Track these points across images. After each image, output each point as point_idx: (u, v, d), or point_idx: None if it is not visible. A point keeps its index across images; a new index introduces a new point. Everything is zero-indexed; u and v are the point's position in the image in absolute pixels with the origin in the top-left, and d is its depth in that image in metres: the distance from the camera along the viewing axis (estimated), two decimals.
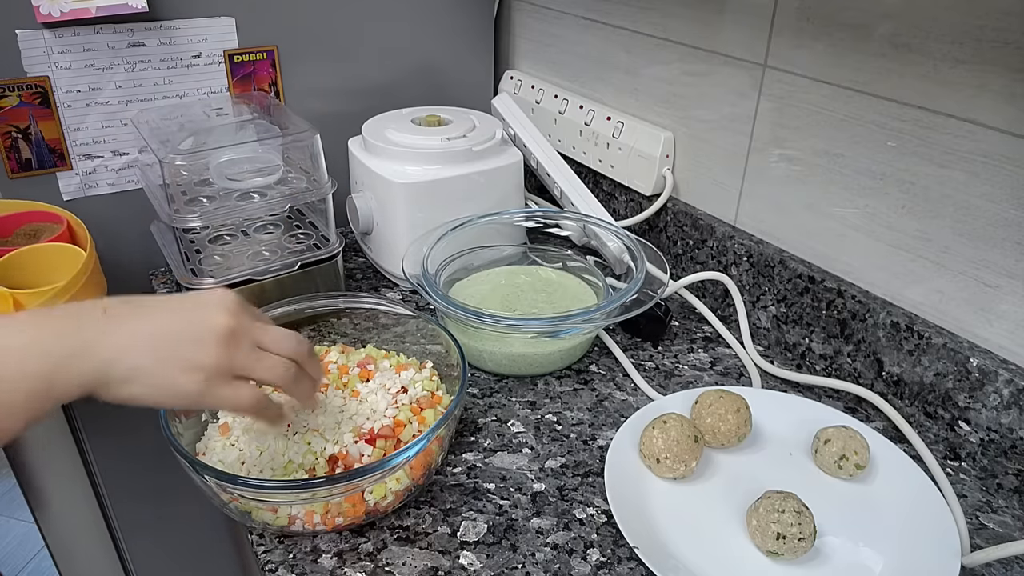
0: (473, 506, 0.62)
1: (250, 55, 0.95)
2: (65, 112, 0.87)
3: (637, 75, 0.96)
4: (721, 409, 0.65)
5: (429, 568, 0.56)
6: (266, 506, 0.56)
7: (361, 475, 0.54)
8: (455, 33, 1.10)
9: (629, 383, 0.77)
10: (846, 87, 0.71)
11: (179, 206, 0.83)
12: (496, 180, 0.90)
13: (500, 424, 0.71)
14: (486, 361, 0.77)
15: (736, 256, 0.84)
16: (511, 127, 1.01)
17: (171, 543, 1.18)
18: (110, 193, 0.93)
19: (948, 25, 0.62)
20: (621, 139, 0.96)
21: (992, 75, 0.60)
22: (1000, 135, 0.60)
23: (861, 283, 0.74)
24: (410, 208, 0.87)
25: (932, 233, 0.67)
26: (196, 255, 0.85)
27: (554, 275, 0.88)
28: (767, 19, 0.77)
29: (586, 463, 0.67)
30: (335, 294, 0.76)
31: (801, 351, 0.79)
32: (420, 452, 0.56)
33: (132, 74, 0.89)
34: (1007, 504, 0.63)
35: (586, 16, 1.01)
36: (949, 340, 0.66)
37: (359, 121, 0.94)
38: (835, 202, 0.75)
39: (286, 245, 0.87)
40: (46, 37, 0.83)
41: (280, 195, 0.84)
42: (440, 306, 0.72)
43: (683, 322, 0.87)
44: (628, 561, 0.57)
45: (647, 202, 0.95)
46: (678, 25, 0.88)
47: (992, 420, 0.64)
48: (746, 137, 0.82)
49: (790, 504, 0.55)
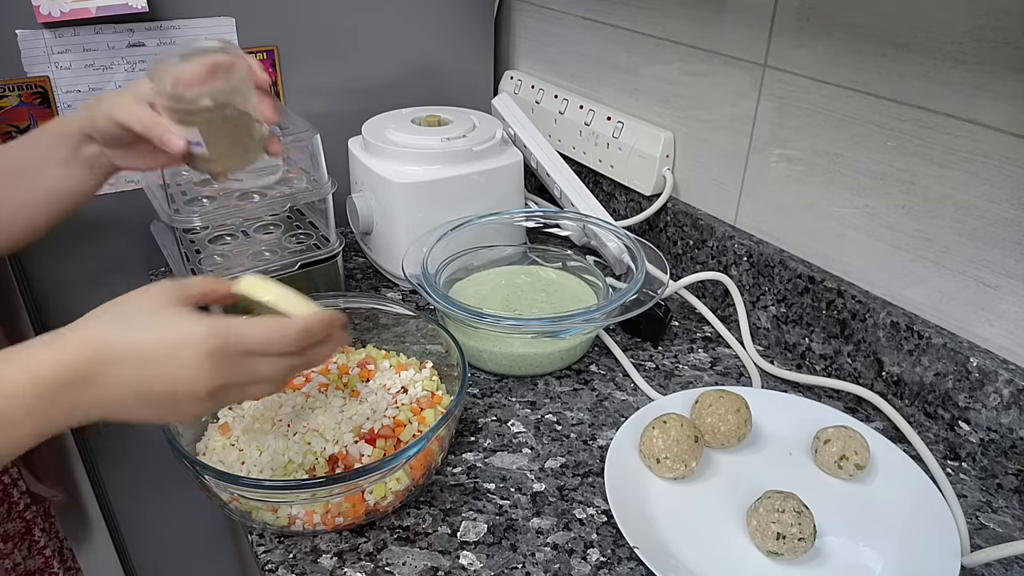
0: (473, 506, 0.62)
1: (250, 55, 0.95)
2: (65, 112, 0.87)
3: (637, 75, 0.96)
4: (721, 409, 0.65)
5: (429, 568, 0.56)
6: (266, 506, 0.56)
7: (361, 475, 0.54)
8: (455, 33, 1.10)
9: (629, 383, 0.77)
10: (846, 87, 0.71)
11: (179, 206, 0.83)
12: (496, 180, 0.90)
13: (500, 424, 0.71)
14: (486, 361, 0.77)
15: (736, 256, 0.84)
16: (511, 127, 1.01)
17: (171, 543, 1.18)
18: (110, 193, 0.93)
19: (948, 25, 0.62)
20: (621, 139, 0.96)
21: (992, 75, 0.60)
22: (1000, 135, 0.60)
23: (861, 283, 0.74)
24: (410, 208, 0.87)
25: (932, 233, 0.67)
26: (196, 255, 0.84)
27: (554, 275, 0.88)
28: (767, 19, 0.77)
29: (586, 463, 0.67)
30: (335, 294, 0.76)
31: (801, 351, 0.79)
32: (420, 452, 0.56)
33: (132, 74, 0.89)
34: (1007, 504, 0.63)
35: (586, 16, 1.01)
36: (949, 340, 0.66)
37: (359, 121, 0.94)
38: (835, 202, 0.75)
39: (286, 245, 0.87)
40: (46, 37, 0.83)
41: (280, 195, 0.84)
42: (440, 306, 0.72)
43: (683, 322, 0.87)
44: (628, 561, 0.57)
45: (647, 202, 0.95)
46: (678, 25, 0.88)
47: (992, 420, 0.64)
48: (746, 137, 0.82)
49: (790, 504, 0.55)
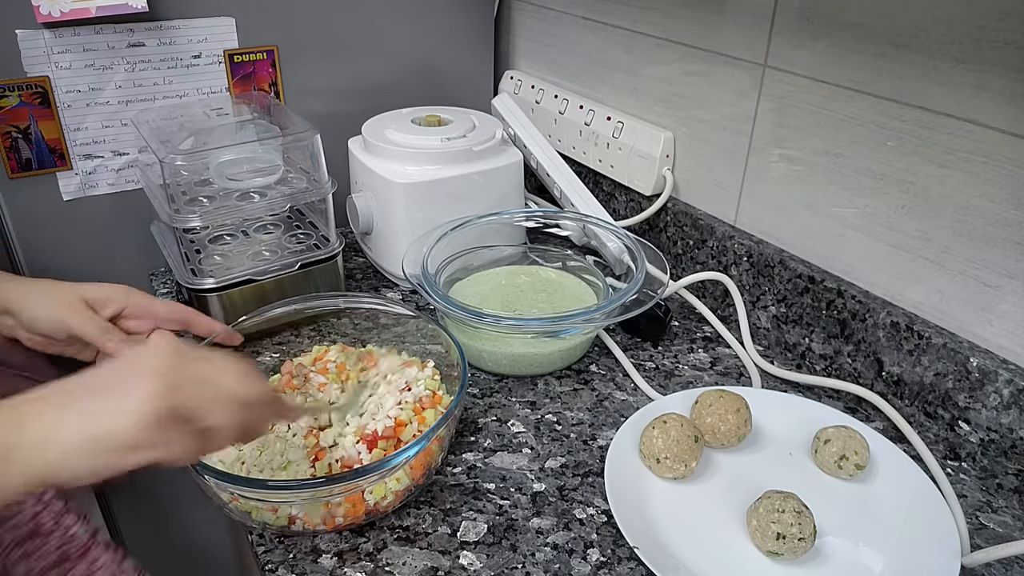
0: (473, 506, 0.62)
1: (250, 55, 0.95)
2: (65, 112, 0.87)
3: (637, 75, 0.96)
4: (721, 409, 0.65)
5: (429, 568, 0.56)
6: (266, 506, 0.56)
7: (361, 475, 0.54)
8: (455, 33, 1.09)
9: (629, 383, 0.77)
10: (846, 87, 0.71)
11: (179, 206, 0.83)
12: (496, 180, 0.90)
13: (500, 424, 0.71)
14: (486, 361, 0.77)
15: (736, 256, 0.84)
16: (511, 127, 1.01)
17: (171, 543, 1.18)
18: (110, 193, 0.93)
19: (948, 25, 0.62)
20: (621, 139, 0.96)
21: (992, 75, 0.60)
22: (1000, 135, 0.60)
23: (861, 283, 0.74)
24: (410, 208, 0.87)
25: (932, 233, 0.67)
26: (196, 255, 0.84)
27: (554, 275, 0.88)
28: (767, 19, 0.77)
29: (586, 463, 0.67)
30: (335, 294, 0.76)
31: (801, 351, 0.79)
32: (420, 452, 0.56)
33: (132, 74, 0.89)
34: (1007, 504, 0.63)
35: (586, 16, 1.01)
36: (949, 340, 0.66)
37: (359, 121, 0.94)
38: (835, 202, 0.75)
39: (286, 245, 0.87)
40: (46, 37, 0.83)
41: (280, 195, 0.84)
42: (440, 306, 0.72)
43: (683, 322, 0.87)
44: (628, 561, 0.57)
45: (647, 202, 0.95)
46: (678, 25, 0.88)
47: (992, 420, 0.64)
48: (746, 137, 0.82)
49: (790, 504, 0.55)
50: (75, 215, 0.91)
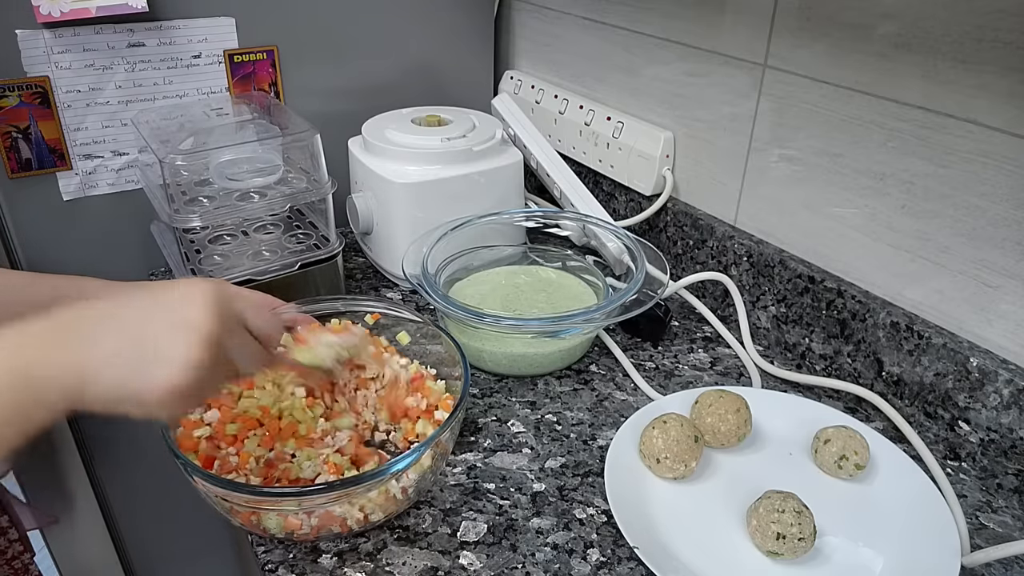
0: (473, 506, 0.62)
1: (250, 55, 0.95)
2: (65, 112, 0.87)
3: (637, 75, 0.96)
4: (721, 409, 0.65)
5: (429, 568, 0.56)
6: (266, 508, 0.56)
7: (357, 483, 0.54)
8: (455, 33, 1.09)
9: (629, 383, 0.77)
10: (846, 87, 0.71)
11: (179, 206, 0.83)
12: (496, 180, 0.90)
13: (500, 424, 0.71)
14: (486, 361, 0.77)
15: (736, 256, 0.84)
16: (511, 127, 1.01)
17: (171, 543, 1.18)
18: (110, 193, 0.93)
19: (948, 25, 0.62)
20: (621, 139, 0.96)
21: (992, 75, 0.60)
22: (1000, 135, 0.60)
23: (861, 283, 0.74)
24: (410, 208, 0.87)
25: (932, 233, 0.67)
26: (196, 255, 0.84)
27: (554, 275, 0.88)
28: (767, 19, 0.77)
29: (586, 463, 0.67)
30: (335, 295, 0.76)
31: (801, 351, 0.79)
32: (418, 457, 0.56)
33: (132, 74, 0.89)
34: (1007, 504, 0.63)
35: (586, 16, 1.01)
36: (949, 340, 0.66)
37: (359, 121, 0.94)
38: (835, 202, 0.75)
39: (286, 245, 0.87)
40: (46, 37, 0.83)
41: (280, 195, 0.84)
42: (440, 306, 0.72)
43: (683, 322, 0.87)
44: (628, 561, 0.57)
45: (647, 202, 0.95)
46: (678, 25, 0.88)
47: (992, 420, 0.64)
48: (746, 137, 0.82)
49: (790, 504, 0.55)
50: (75, 215, 0.91)
